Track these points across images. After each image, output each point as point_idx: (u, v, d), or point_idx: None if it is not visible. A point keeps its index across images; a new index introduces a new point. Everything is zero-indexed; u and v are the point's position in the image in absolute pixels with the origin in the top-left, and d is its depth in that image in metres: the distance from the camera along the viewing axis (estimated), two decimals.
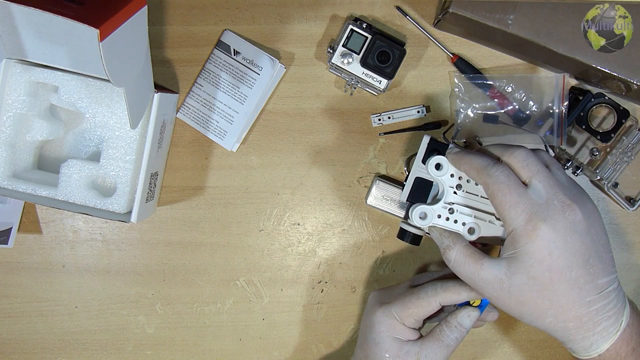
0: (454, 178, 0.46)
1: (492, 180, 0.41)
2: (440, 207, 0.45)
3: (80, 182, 0.51)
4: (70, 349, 0.58)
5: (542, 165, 0.42)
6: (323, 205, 0.57)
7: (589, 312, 0.40)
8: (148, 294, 0.58)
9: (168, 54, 0.56)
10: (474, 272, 0.42)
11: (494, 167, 0.41)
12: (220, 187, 0.57)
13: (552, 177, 0.41)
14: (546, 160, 0.44)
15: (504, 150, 0.43)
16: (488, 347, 0.58)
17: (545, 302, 0.40)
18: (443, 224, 0.46)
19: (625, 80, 0.49)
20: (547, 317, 0.41)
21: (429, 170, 0.46)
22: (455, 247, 0.43)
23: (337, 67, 0.53)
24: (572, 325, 0.40)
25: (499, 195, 0.41)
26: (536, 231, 0.39)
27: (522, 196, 0.40)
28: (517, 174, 0.42)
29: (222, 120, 0.56)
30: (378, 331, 0.46)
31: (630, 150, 0.53)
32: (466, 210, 0.46)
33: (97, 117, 0.52)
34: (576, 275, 0.39)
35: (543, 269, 0.39)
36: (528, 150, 0.42)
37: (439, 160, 0.46)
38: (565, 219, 0.39)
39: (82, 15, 0.39)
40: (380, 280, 0.58)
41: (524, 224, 0.40)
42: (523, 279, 0.40)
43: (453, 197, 0.46)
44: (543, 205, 0.40)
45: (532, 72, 0.55)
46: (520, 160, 0.42)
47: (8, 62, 0.50)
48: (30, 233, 0.57)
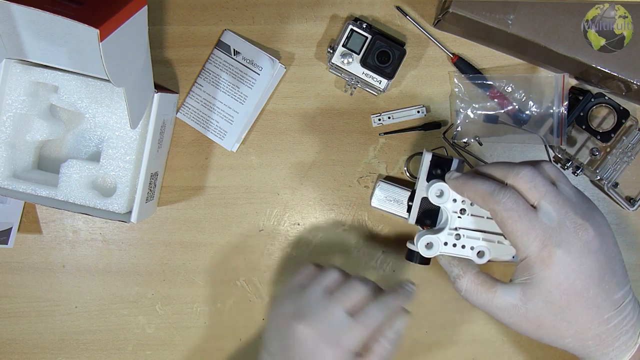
0: (457, 203, 0.44)
1: (500, 207, 0.39)
2: (445, 234, 0.44)
3: (80, 182, 0.51)
4: (70, 349, 0.58)
5: (549, 185, 0.40)
6: (323, 205, 0.57)
7: (607, 329, 0.39)
8: (148, 294, 0.58)
9: (168, 54, 0.56)
10: (487, 300, 0.41)
11: (500, 192, 0.40)
12: (220, 187, 0.57)
13: (561, 195, 0.40)
14: (551, 175, 0.42)
15: (508, 172, 0.41)
16: (488, 347, 0.58)
17: (564, 324, 0.39)
18: (451, 251, 0.44)
19: (625, 80, 0.49)
20: (567, 338, 0.40)
21: (430, 198, 0.44)
22: (466, 276, 0.42)
23: (337, 67, 0.53)
24: (592, 343, 0.40)
25: (509, 223, 0.39)
26: (551, 257, 0.38)
27: (533, 222, 0.39)
28: (525, 196, 0.40)
29: (222, 120, 0.56)
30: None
31: (630, 150, 0.53)
32: (473, 234, 0.44)
33: (97, 117, 0.52)
34: (593, 295, 0.39)
35: (560, 293, 0.39)
36: (533, 169, 0.41)
37: (440, 188, 0.44)
38: (579, 240, 0.38)
39: (82, 15, 0.39)
40: (380, 280, 0.58)
41: (538, 251, 0.38)
42: (540, 304, 0.39)
43: (458, 222, 0.44)
44: (555, 230, 0.39)
45: (532, 72, 0.55)
46: (527, 182, 0.40)
47: (8, 62, 0.50)
48: (30, 233, 0.57)
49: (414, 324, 0.58)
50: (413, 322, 0.58)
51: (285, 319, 0.45)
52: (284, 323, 0.44)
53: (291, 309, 0.45)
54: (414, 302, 0.58)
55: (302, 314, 0.44)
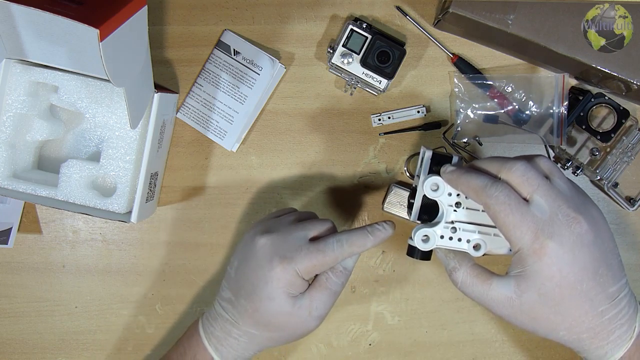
0: (452, 196, 0.45)
1: (493, 200, 0.40)
2: (441, 227, 0.44)
3: (80, 182, 0.51)
4: (70, 349, 0.58)
5: (542, 179, 0.40)
6: (323, 205, 0.57)
7: (601, 322, 0.40)
8: (148, 294, 0.58)
9: (168, 54, 0.56)
10: (482, 293, 0.41)
11: (492, 186, 0.40)
12: (220, 187, 0.57)
13: (554, 189, 0.40)
14: (546, 169, 0.42)
15: (501, 166, 0.41)
16: (488, 347, 0.58)
17: (558, 317, 0.40)
18: (447, 244, 0.44)
19: (625, 80, 0.49)
20: (561, 331, 0.40)
21: (425, 192, 0.45)
22: (462, 269, 0.42)
23: (337, 67, 0.53)
24: (586, 336, 0.40)
25: (502, 216, 0.39)
26: (543, 249, 0.38)
27: (525, 215, 0.39)
28: (517, 190, 0.40)
29: (222, 120, 0.56)
30: (275, 287, 0.44)
31: (630, 150, 0.53)
32: (469, 227, 0.44)
33: (97, 117, 0.52)
34: (587, 288, 0.39)
35: (553, 286, 0.39)
36: (526, 163, 0.41)
37: (436, 181, 0.44)
38: (572, 232, 0.39)
39: (82, 15, 0.39)
40: (380, 280, 0.58)
41: (531, 243, 0.39)
42: (533, 296, 0.39)
43: (454, 215, 0.45)
44: (547, 222, 0.39)
45: (532, 72, 0.55)
46: (519, 176, 0.40)
47: (8, 62, 0.50)
48: (30, 233, 0.57)
49: (414, 324, 0.58)
50: (413, 322, 0.58)
51: (251, 235, 0.47)
52: (249, 237, 0.47)
53: (260, 228, 0.47)
54: (413, 302, 0.58)
55: (268, 230, 0.46)
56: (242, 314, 0.45)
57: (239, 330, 0.46)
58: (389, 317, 0.58)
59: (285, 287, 0.44)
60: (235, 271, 0.47)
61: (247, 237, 0.48)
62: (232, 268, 0.47)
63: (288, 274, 0.43)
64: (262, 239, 0.45)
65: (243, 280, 0.45)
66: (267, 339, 0.46)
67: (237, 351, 0.46)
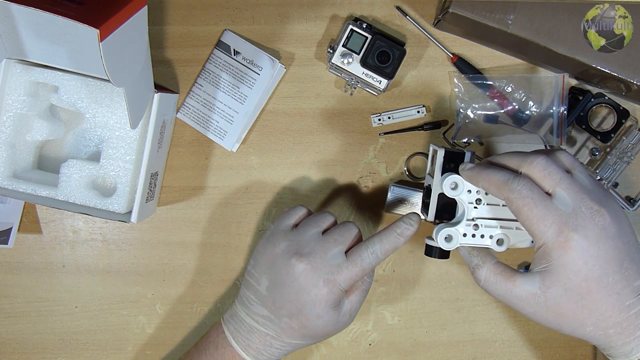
0: (471, 194, 0.44)
1: (515, 195, 0.39)
2: (463, 225, 0.44)
3: (80, 182, 0.51)
4: (70, 349, 0.58)
5: (563, 172, 0.40)
6: (323, 205, 0.57)
7: (629, 317, 0.39)
8: (148, 294, 0.58)
9: (168, 54, 0.56)
10: (506, 290, 0.41)
11: (514, 181, 0.40)
12: (220, 187, 0.57)
13: (576, 182, 0.40)
14: (566, 163, 0.42)
15: (522, 161, 0.41)
16: (488, 347, 0.58)
17: (585, 311, 0.39)
18: (470, 241, 0.44)
19: (625, 80, 0.49)
20: (588, 327, 0.40)
21: (445, 191, 0.44)
22: (485, 266, 0.42)
23: (337, 67, 0.53)
24: (613, 332, 0.39)
25: (525, 210, 0.39)
26: (569, 242, 0.38)
27: (549, 208, 0.39)
28: (539, 184, 0.40)
29: (222, 120, 0.56)
30: (323, 307, 0.45)
31: (630, 150, 0.53)
32: (491, 223, 0.44)
33: (97, 117, 0.52)
34: (613, 281, 0.39)
35: (580, 279, 0.38)
36: (547, 157, 0.41)
37: (454, 180, 0.44)
38: (596, 225, 0.38)
39: (82, 15, 0.39)
40: (380, 280, 0.58)
41: (555, 237, 0.38)
42: (559, 291, 0.39)
43: (475, 212, 0.44)
44: (571, 215, 0.39)
45: (532, 72, 0.55)
46: (541, 170, 0.40)
47: (8, 62, 0.50)
48: (30, 233, 0.57)
49: (414, 324, 0.58)
50: (413, 322, 0.58)
51: (280, 255, 0.46)
52: (279, 259, 0.46)
53: (286, 246, 0.46)
54: (413, 302, 0.58)
55: (301, 251, 0.45)
56: (285, 330, 0.46)
57: (282, 342, 0.47)
58: (389, 317, 0.58)
59: (331, 304, 0.45)
60: (269, 291, 0.46)
61: (274, 259, 0.46)
62: (260, 285, 0.47)
63: (334, 295, 0.45)
64: (301, 264, 0.45)
65: (283, 302, 0.45)
66: (310, 343, 0.48)
67: (276, 356, 0.48)
